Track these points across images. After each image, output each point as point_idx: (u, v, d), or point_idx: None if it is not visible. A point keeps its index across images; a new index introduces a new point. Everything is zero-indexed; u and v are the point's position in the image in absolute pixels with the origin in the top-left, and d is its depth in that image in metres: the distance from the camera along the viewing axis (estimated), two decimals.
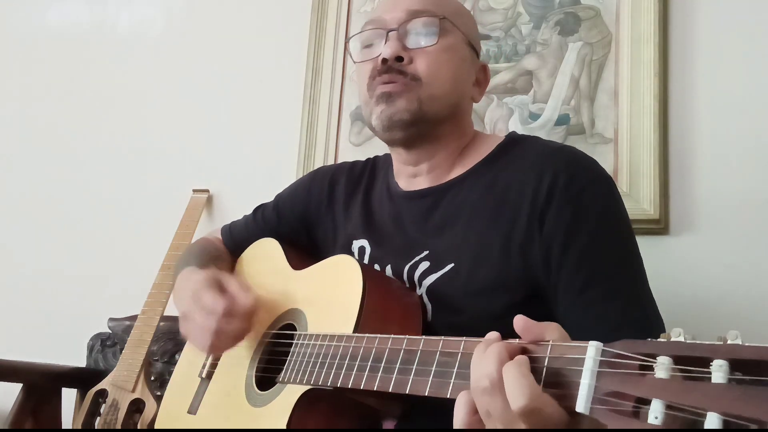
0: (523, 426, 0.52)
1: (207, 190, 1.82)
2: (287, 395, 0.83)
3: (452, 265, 0.85)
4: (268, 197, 1.23)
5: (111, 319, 1.66)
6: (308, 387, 0.79)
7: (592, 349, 0.51)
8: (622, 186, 1.35)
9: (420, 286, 0.87)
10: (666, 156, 1.36)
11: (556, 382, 0.53)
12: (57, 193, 2.02)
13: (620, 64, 1.43)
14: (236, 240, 1.18)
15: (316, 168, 1.19)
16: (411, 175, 0.98)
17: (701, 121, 1.36)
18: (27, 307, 1.96)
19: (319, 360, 0.79)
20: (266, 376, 0.91)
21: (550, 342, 0.55)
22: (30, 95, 2.14)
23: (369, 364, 0.72)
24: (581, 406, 0.49)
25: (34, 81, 2.15)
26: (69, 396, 1.60)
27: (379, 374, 0.71)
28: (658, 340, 0.47)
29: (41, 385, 1.54)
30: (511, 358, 0.54)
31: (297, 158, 1.70)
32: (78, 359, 1.66)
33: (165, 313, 1.55)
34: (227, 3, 1.94)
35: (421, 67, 0.89)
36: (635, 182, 1.35)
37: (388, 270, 0.93)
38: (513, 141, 0.94)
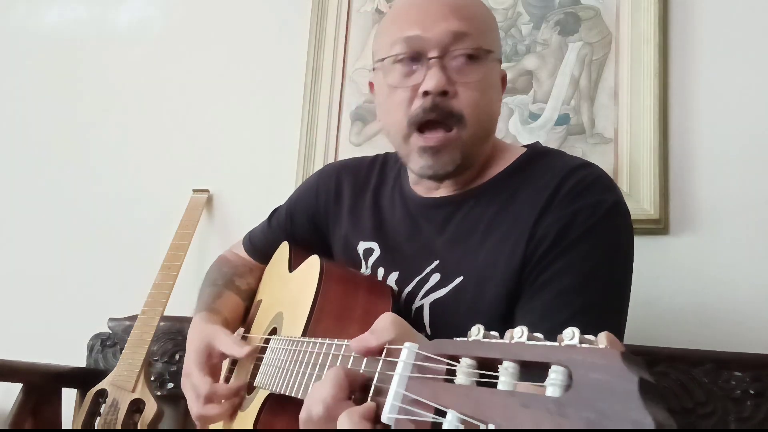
0: None
1: (207, 190, 1.82)
2: (258, 399, 0.84)
3: (461, 278, 0.84)
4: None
5: (111, 319, 1.66)
6: (269, 392, 0.81)
7: (405, 351, 0.48)
8: (622, 186, 1.35)
9: (424, 298, 0.87)
10: (666, 156, 1.36)
11: (379, 389, 0.50)
12: (57, 193, 2.02)
13: (620, 64, 1.43)
14: (258, 249, 1.19)
15: (320, 168, 1.18)
16: (431, 187, 0.94)
17: (701, 121, 1.36)
18: (27, 307, 1.96)
19: (275, 365, 0.81)
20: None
21: (386, 346, 0.53)
22: (29, 95, 2.14)
23: (296, 369, 0.72)
24: (384, 416, 0.46)
25: (33, 81, 2.15)
26: (69, 396, 1.60)
27: (298, 380, 0.69)
28: (461, 339, 0.43)
29: (41, 385, 1.54)
30: (350, 382, 0.54)
31: (297, 158, 1.70)
32: (78, 359, 1.66)
33: (165, 313, 1.55)
34: (227, 3, 1.94)
35: (466, 103, 0.84)
36: (635, 182, 1.35)
37: (394, 276, 0.92)
38: (536, 154, 0.90)
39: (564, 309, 0.75)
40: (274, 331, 0.95)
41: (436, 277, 0.87)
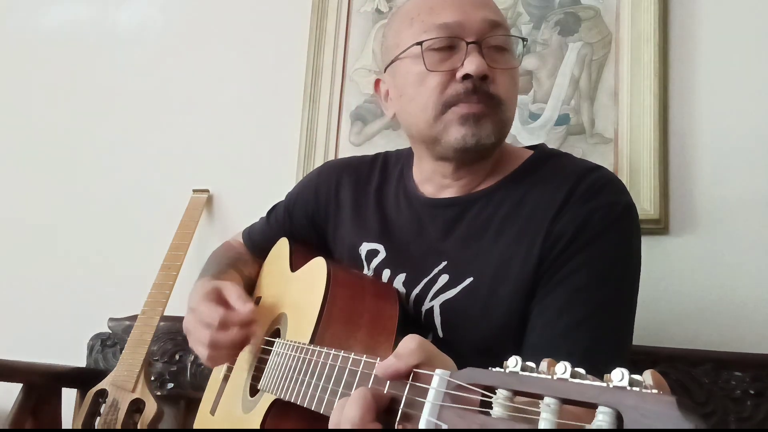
0: None
1: (207, 190, 1.82)
2: (263, 403, 0.84)
3: (471, 279, 0.84)
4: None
5: (111, 319, 1.66)
6: (275, 397, 0.80)
7: (437, 378, 0.46)
8: None
9: (434, 299, 0.86)
10: (666, 156, 1.36)
11: (407, 415, 0.49)
12: (57, 194, 2.02)
13: (620, 64, 1.43)
14: (257, 245, 1.19)
15: (319, 165, 1.17)
16: (442, 185, 0.93)
17: (701, 121, 1.36)
18: (27, 307, 1.96)
19: (281, 370, 0.80)
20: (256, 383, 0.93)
21: (412, 371, 0.52)
22: (29, 95, 2.14)
23: (306, 379, 0.71)
24: None
25: (33, 81, 2.15)
26: (69, 396, 1.60)
27: (310, 391, 0.69)
28: (497, 369, 0.42)
29: (41, 385, 1.54)
30: (376, 403, 0.52)
31: (297, 158, 1.70)
32: (78, 359, 1.66)
33: (165, 313, 1.55)
34: (227, 3, 1.94)
35: (502, 88, 0.85)
36: (635, 182, 1.35)
37: (401, 278, 0.91)
38: (545, 156, 0.91)
39: (579, 306, 0.76)
40: (276, 333, 0.94)
41: (444, 278, 0.86)
